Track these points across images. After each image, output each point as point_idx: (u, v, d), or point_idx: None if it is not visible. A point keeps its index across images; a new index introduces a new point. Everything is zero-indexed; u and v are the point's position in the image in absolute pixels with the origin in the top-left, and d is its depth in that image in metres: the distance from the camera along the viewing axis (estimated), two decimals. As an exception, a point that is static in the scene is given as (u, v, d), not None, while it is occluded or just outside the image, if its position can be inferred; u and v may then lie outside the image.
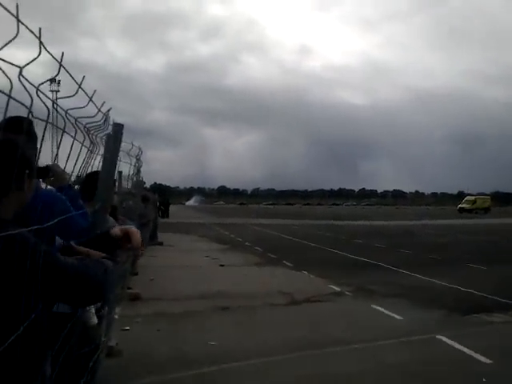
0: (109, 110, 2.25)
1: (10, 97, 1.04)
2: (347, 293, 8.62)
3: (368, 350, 5.40)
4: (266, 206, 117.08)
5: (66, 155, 1.82)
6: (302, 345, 5.47)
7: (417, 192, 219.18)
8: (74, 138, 1.85)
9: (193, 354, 5.12)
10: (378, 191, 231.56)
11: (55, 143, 1.58)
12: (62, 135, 1.64)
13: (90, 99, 1.79)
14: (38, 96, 1.23)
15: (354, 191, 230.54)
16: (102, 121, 2.26)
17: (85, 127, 2.14)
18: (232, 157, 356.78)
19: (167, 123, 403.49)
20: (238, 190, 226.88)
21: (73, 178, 2.42)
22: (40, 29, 1.15)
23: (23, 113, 1.17)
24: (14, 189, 1.31)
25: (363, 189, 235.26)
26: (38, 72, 1.49)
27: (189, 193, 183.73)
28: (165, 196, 38.77)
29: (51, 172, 2.32)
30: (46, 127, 1.30)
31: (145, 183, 9.89)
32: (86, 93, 1.73)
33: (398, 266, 11.57)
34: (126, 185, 5.66)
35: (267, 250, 14.98)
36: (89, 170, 2.40)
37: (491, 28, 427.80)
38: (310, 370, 4.75)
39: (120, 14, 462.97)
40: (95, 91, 1.80)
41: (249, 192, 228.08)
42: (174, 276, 10.10)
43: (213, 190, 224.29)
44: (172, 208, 38.94)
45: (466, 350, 5.23)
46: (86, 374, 2.63)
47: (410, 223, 32.84)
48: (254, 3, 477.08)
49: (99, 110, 2.02)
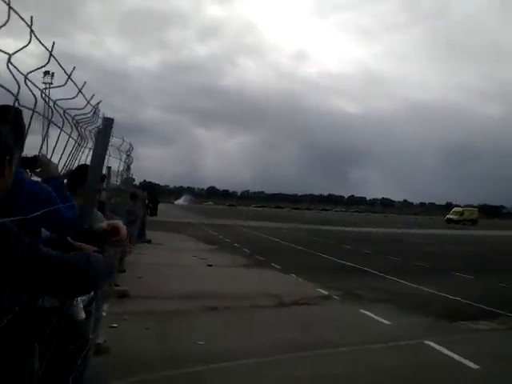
0: (98, 103, 2.22)
1: None
2: (335, 297, 8.64)
3: (357, 354, 5.41)
4: (254, 208, 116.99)
5: (55, 146, 1.80)
6: (293, 346, 5.46)
7: (405, 201, 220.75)
8: (61, 129, 1.84)
9: (181, 352, 5.08)
10: (367, 199, 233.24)
11: (45, 134, 1.57)
12: (48, 125, 1.64)
13: (80, 91, 1.78)
14: (26, 85, 1.21)
15: (343, 197, 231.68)
16: (91, 114, 2.23)
17: (73, 119, 2.11)
18: (223, 158, 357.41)
19: (160, 121, 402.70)
20: (227, 191, 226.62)
21: (61, 170, 2.37)
22: (32, 17, 1.14)
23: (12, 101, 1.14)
24: None
25: (352, 196, 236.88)
26: (32, 63, 1.46)
27: (178, 192, 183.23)
28: (154, 194, 38.42)
29: (38, 162, 2.27)
30: (32, 116, 1.29)
31: (134, 180, 9.80)
32: (75, 84, 1.71)
33: (385, 272, 11.63)
34: (116, 181, 5.60)
35: (256, 251, 14.97)
36: (76, 163, 2.37)
37: (487, 42, 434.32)
38: (300, 372, 4.74)
39: (119, 9, 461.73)
40: (85, 83, 1.79)
41: (238, 194, 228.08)
42: (162, 274, 10.03)
43: (202, 190, 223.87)
44: (161, 206, 38.74)
45: (454, 355, 5.27)
46: (75, 371, 2.58)
47: (399, 231, 33.05)
48: (252, 6, 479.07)
49: (88, 102, 1.99)
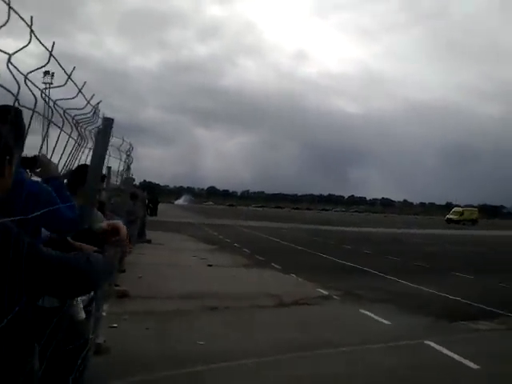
0: (98, 103, 2.22)
1: None
2: (335, 297, 8.63)
3: (357, 354, 5.41)
4: (254, 208, 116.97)
5: (55, 146, 1.80)
6: (293, 346, 5.46)
7: (405, 201, 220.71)
8: (61, 129, 1.84)
9: (181, 352, 5.08)
10: (367, 199, 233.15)
11: (45, 134, 1.57)
12: (48, 125, 1.64)
13: (80, 91, 1.78)
14: (26, 85, 1.21)
15: (343, 197, 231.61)
16: (91, 113, 2.23)
17: (73, 119, 2.11)
18: (223, 158, 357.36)
19: (160, 121, 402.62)
20: (227, 191, 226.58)
21: (61, 170, 2.37)
22: (32, 17, 1.14)
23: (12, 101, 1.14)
24: None
25: (352, 196, 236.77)
26: (32, 63, 1.46)
27: (178, 192, 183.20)
28: (154, 194, 38.45)
29: (38, 162, 2.27)
30: (32, 116, 1.30)
31: (134, 180, 9.80)
32: (75, 84, 1.71)
33: (385, 272, 11.63)
34: (116, 181, 5.60)
35: (255, 251, 14.96)
36: (76, 163, 2.37)
37: (487, 42, 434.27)
38: (300, 372, 4.74)
39: (119, 9, 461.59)
40: (85, 83, 1.79)
41: (238, 194, 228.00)
42: (162, 274, 10.02)
43: (202, 190, 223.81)
44: (161, 206, 38.74)
45: (454, 355, 5.26)
46: (75, 371, 2.58)
47: (399, 231, 33.04)
48: (252, 6, 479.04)
49: (88, 102, 1.99)
